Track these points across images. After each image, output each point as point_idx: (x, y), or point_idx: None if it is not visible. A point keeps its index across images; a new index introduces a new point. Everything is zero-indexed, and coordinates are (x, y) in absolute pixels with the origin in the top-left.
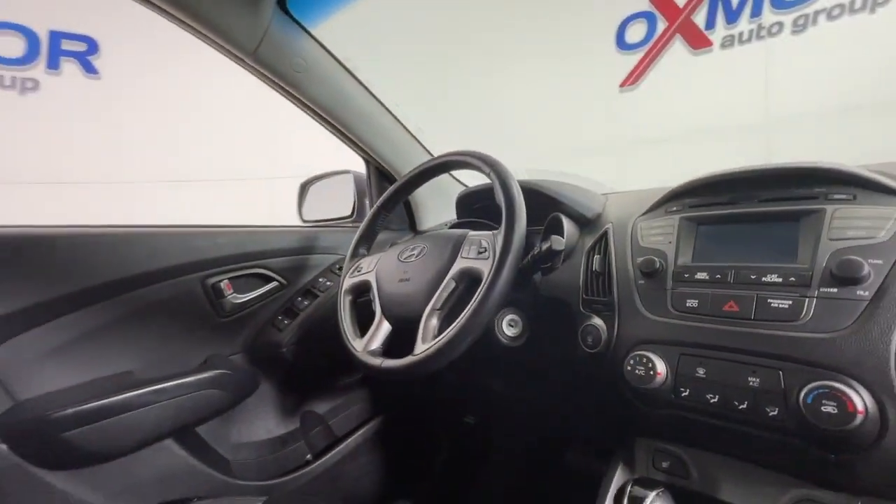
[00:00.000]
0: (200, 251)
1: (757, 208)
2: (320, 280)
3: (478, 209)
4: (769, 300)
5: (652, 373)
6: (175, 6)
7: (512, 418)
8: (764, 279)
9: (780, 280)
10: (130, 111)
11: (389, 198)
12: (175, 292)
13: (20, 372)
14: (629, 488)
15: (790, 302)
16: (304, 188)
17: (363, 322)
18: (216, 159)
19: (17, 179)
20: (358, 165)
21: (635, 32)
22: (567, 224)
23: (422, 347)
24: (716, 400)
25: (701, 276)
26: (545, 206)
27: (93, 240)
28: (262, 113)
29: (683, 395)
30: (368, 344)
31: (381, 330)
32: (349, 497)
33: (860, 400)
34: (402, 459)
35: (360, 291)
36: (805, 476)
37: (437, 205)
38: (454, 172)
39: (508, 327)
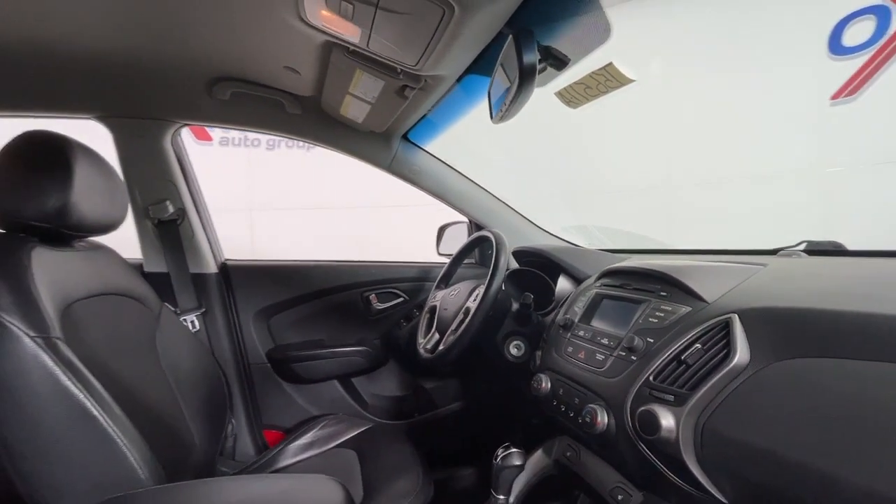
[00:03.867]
0: (361, 276)
1: (626, 293)
2: (427, 299)
3: (525, 262)
4: (595, 353)
5: (539, 387)
6: (341, 149)
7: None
8: (601, 340)
9: (605, 342)
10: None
11: (457, 256)
12: (347, 299)
13: (279, 330)
14: (504, 444)
15: (603, 357)
16: (441, 230)
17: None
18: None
19: (266, 207)
20: None
21: (858, 33)
22: (562, 280)
23: (438, 351)
24: (564, 409)
25: (580, 332)
26: (556, 264)
27: (313, 268)
28: None
29: (554, 404)
30: (426, 343)
31: (434, 338)
32: (431, 449)
33: (603, 416)
34: (478, 437)
35: (432, 311)
36: (617, 468)
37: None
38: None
39: (515, 349)
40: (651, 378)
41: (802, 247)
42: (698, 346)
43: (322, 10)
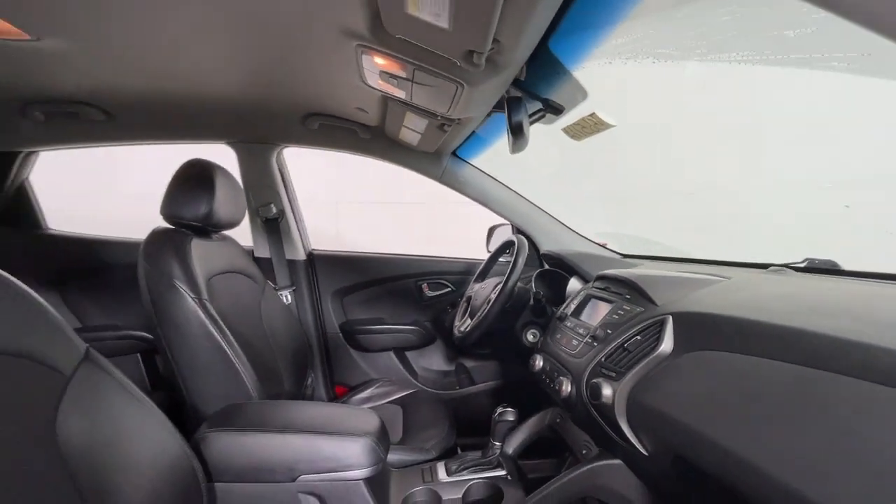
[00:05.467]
0: (416, 268)
1: (605, 295)
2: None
3: (552, 263)
4: (572, 339)
5: (534, 364)
6: (401, 164)
7: None
8: (579, 330)
9: (581, 332)
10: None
11: (492, 256)
12: (404, 287)
13: (350, 307)
14: (502, 404)
15: (577, 342)
16: (490, 230)
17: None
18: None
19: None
20: None
21: None
22: (573, 281)
23: (464, 333)
24: (548, 381)
25: (568, 324)
26: (570, 267)
27: (378, 259)
28: None
29: (543, 377)
30: (460, 326)
31: (466, 322)
32: (466, 419)
33: (567, 386)
34: None
35: (468, 300)
36: (581, 428)
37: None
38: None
39: (531, 336)
40: (602, 359)
41: (804, 264)
42: (638, 337)
43: (377, 80)
